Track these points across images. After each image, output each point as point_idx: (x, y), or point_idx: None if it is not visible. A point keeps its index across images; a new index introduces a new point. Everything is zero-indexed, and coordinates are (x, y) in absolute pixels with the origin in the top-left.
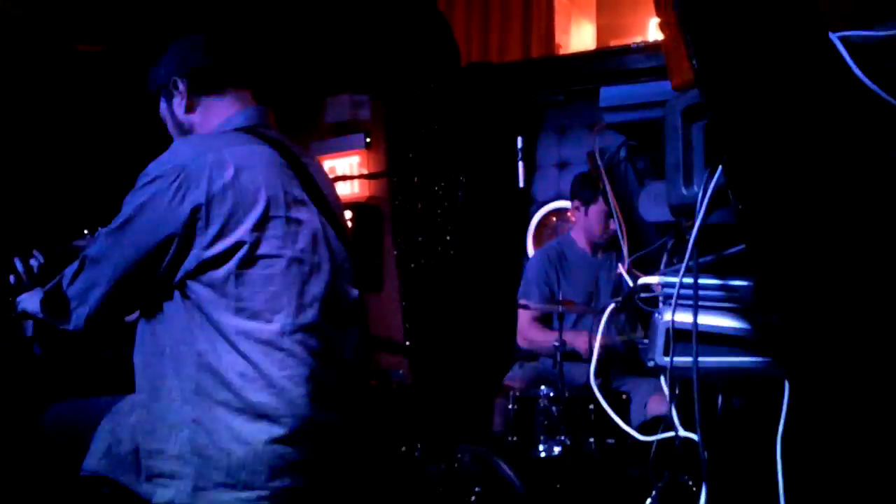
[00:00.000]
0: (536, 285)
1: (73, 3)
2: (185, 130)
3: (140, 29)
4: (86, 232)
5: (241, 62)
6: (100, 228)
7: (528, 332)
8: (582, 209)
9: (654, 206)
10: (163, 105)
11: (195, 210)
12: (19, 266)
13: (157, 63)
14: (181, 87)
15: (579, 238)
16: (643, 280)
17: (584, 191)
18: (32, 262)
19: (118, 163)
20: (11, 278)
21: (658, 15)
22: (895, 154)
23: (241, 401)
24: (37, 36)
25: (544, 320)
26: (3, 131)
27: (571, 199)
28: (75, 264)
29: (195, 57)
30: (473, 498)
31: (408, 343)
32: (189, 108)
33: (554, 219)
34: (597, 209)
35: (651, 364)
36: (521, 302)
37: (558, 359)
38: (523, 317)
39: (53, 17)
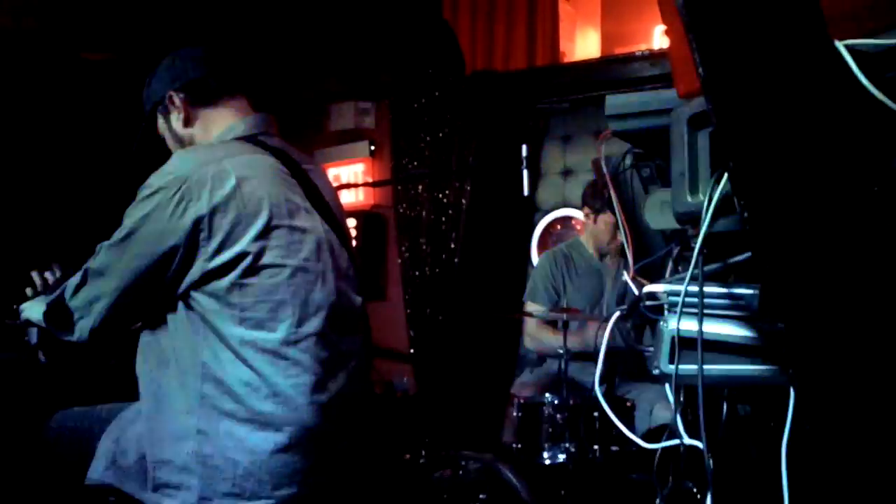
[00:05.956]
0: (543, 288)
1: (78, 11)
2: (186, 144)
3: (144, 37)
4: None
5: (238, 71)
6: (102, 242)
7: (538, 333)
8: (591, 217)
9: (659, 214)
10: (160, 121)
11: (197, 222)
12: (36, 278)
13: (150, 80)
14: (178, 100)
15: (588, 243)
16: (648, 288)
17: (594, 200)
18: (48, 274)
19: (122, 171)
20: (28, 290)
21: (664, 22)
22: None
23: (247, 410)
24: (41, 44)
25: (552, 322)
26: (7, 138)
27: (582, 207)
28: (78, 276)
29: (190, 69)
30: None
31: (412, 351)
32: (188, 121)
33: (559, 226)
34: (605, 219)
35: (656, 372)
36: (526, 310)
37: (563, 366)
38: (531, 318)
39: (57, 25)
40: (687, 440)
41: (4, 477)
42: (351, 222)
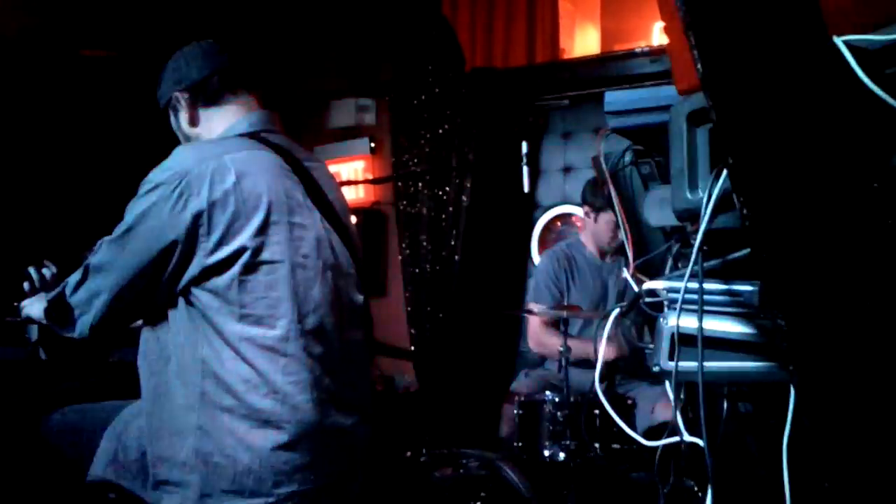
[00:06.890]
0: (547, 288)
1: (78, 9)
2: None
3: (145, 34)
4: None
5: (240, 69)
6: (103, 237)
7: (542, 336)
8: (592, 215)
9: (659, 211)
10: (172, 119)
11: (197, 217)
12: (33, 274)
13: (161, 78)
14: (182, 101)
15: (588, 242)
16: (648, 285)
17: (595, 198)
18: (45, 271)
19: (123, 168)
20: (25, 285)
21: (663, 19)
22: None
23: (246, 407)
24: (41, 41)
25: (556, 324)
26: (8, 136)
27: (582, 205)
28: (78, 273)
29: (192, 69)
30: (479, 503)
31: (413, 348)
32: (193, 122)
33: (559, 223)
34: (606, 217)
35: (656, 369)
36: (529, 307)
37: (564, 364)
38: (535, 320)
39: (57, 22)
40: (687, 437)
41: (6, 474)
42: (352, 219)
